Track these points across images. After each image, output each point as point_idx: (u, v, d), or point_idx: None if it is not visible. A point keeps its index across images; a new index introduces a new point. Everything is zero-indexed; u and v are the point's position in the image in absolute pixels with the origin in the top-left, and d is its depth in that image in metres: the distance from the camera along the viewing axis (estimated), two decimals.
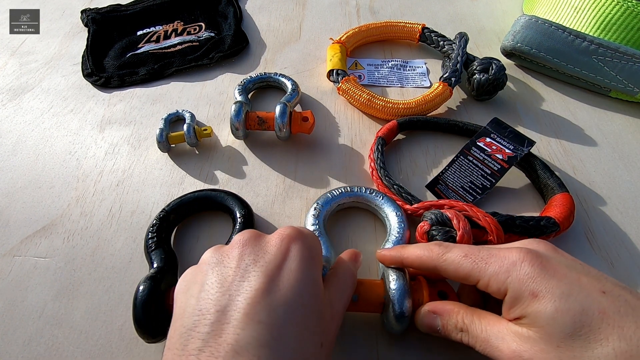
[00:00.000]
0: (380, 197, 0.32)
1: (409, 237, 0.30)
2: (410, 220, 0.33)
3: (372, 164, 0.36)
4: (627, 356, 0.17)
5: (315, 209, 0.31)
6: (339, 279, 0.24)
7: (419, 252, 0.24)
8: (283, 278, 0.20)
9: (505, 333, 0.21)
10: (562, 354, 0.18)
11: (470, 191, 0.34)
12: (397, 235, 0.30)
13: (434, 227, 0.29)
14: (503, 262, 0.21)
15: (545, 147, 0.39)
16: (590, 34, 0.42)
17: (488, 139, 0.36)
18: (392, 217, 0.31)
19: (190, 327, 0.18)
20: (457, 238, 0.28)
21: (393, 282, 0.25)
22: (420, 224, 0.30)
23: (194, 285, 0.21)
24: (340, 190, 0.33)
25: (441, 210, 0.29)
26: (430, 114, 0.41)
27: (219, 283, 0.20)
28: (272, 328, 0.18)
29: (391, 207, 0.32)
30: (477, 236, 0.29)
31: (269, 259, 0.21)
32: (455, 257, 0.23)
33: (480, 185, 0.34)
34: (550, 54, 0.43)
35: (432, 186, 0.36)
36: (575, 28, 0.43)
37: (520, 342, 0.20)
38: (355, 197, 0.33)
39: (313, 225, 0.30)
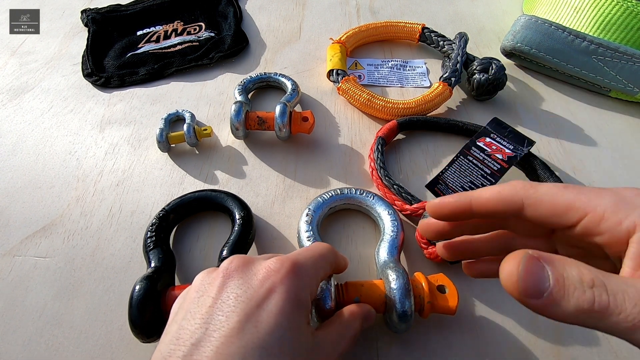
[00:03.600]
0: (371, 198, 0.32)
1: (403, 237, 0.30)
2: (404, 219, 0.33)
3: (372, 164, 0.36)
4: None
5: (307, 214, 0.31)
6: (339, 326, 0.22)
7: (497, 188, 0.19)
8: (262, 318, 0.18)
9: None
10: None
11: None
12: (392, 234, 0.29)
13: None
14: (623, 194, 0.16)
15: (545, 147, 0.39)
16: (590, 34, 0.42)
17: (488, 139, 0.36)
18: (384, 217, 0.31)
19: (165, 354, 0.18)
20: None
21: (393, 281, 0.25)
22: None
23: (181, 310, 0.20)
24: (331, 194, 0.32)
25: None
26: (430, 114, 0.41)
27: (199, 314, 0.19)
28: None
29: (382, 206, 0.32)
30: None
31: (250, 295, 0.19)
32: (552, 187, 0.17)
33: (480, 185, 0.34)
34: (550, 54, 0.43)
35: (432, 186, 0.36)
36: (575, 28, 0.43)
37: None
38: (346, 199, 0.32)
39: (307, 231, 0.30)
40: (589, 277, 0.14)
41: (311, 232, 0.30)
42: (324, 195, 0.32)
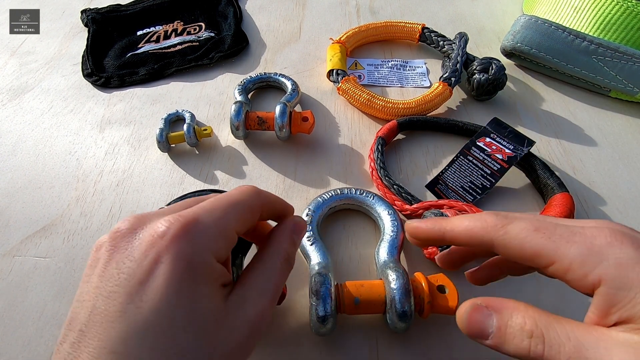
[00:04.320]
0: (370, 198, 0.32)
1: (403, 237, 0.30)
2: (403, 220, 0.33)
3: (372, 164, 0.36)
4: None
5: (307, 214, 0.31)
6: (260, 268, 0.19)
7: (468, 223, 0.19)
8: (145, 297, 0.16)
9: (611, 343, 0.14)
10: None
11: (470, 191, 0.34)
12: (392, 234, 0.29)
13: None
14: (593, 242, 0.16)
15: (545, 147, 0.39)
16: (590, 34, 0.42)
17: (488, 139, 0.36)
18: (384, 217, 0.31)
19: (61, 338, 0.16)
20: None
21: (393, 281, 0.25)
22: None
23: (79, 288, 0.18)
24: (330, 194, 0.32)
25: (441, 210, 0.29)
26: (430, 114, 0.41)
27: (87, 296, 0.17)
28: (126, 358, 0.15)
29: (382, 206, 0.32)
30: None
31: (132, 271, 0.16)
32: (522, 230, 0.17)
33: (480, 185, 0.34)
34: (550, 54, 0.43)
35: (432, 186, 0.36)
36: (575, 28, 0.43)
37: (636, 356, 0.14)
38: (346, 199, 0.32)
39: (307, 231, 0.30)
40: (529, 328, 0.15)
41: (311, 232, 0.30)
42: (324, 195, 0.32)
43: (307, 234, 0.29)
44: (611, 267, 0.15)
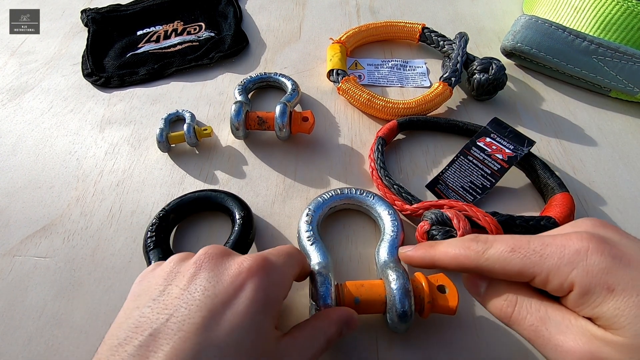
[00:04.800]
0: (371, 197, 0.32)
1: (403, 237, 0.30)
2: (404, 219, 0.33)
3: (372, 164, 0.36)
4: None
5: (307, 214, 0.31)
6: (310, 332, 0.21)
7: (454, 251, 0.21)
8: (226, 317, 0.18)
9: (573, 325, 0.17)
10: None
11: (470, 191, 0.34)
12: (392, 234, 0.29)
13: (434, 227, 0.29)
14: (563, 252, 0.17)
15: (545, 147, 0.39)
16: (590, 33, 0.42)
17: (488, 139, 0.36)
18: (384, 217, 0.31)
19: (121, 341, 0.17)
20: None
21: (393, 281, 0.25)
22: (420, 224, 0.30)
23: (145, 295, 0.19)
24: (331, 194, 0.32)
25: (441, 210, 0.29)
26: (430, 114, 0.41)
27: (164, 304, 0.18)
28: None
29: (383, 206, 0.32)
30: None
31: (218, 291, 0.19)
32: (500, 253, 0.19)
33: (481, 185, 0.34)
34: (550, 54, 0.43)
35: (432, 186, 0.36)
36: (575, 28, 0.43)
37: (598, 344, 0.16)
38: (346, 198, 0.32)
39: (307, 231, 0.30)
40: (506, 294, 0.19)
41: (311, 232, 0.30)
42: (324, 195, 0.32)
43: (307, 234, 0.29)
44: (579, 275, 0.17)
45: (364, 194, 0.32)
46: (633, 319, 0.15)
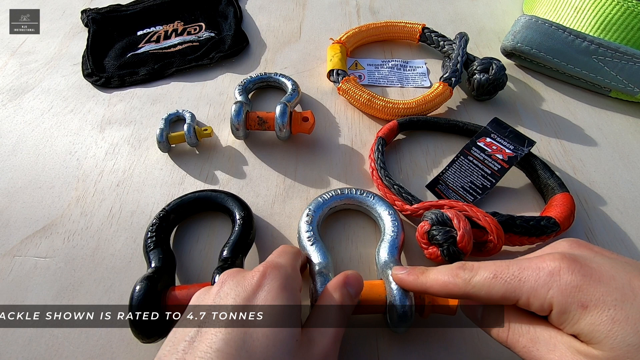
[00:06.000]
0: (371, 198, 0.32)
1: (403, 237, 0.30)
2: (404, 220, 0.33)
3: (373, 164, 0.36)
4: None
5: (307, 215, 0.31)
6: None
7: (443, 279, 0.22)
8: (257, 300, 0.21)
9: (559, 343, 0.18)
10: None
11: (471, 191, 0.34)
12: (392, 235, 0.29)
13: (434, 227, 0.29)
14: (539, 275, 0.19)
15: (545, 147, 0.39)
16: (591, 34, 0.42)
17: (488, 139, 0.36)
18: (385, 217, 0.31)
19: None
20: (458, 238, 0.28)
21: (394, 282, 0.25)
22: (420, 224, 0.30)
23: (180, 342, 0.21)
24: (331, 194, 0.32)
25: (441, 210, 0.29)
26: (430, 114, 0.41)
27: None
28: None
29: (383, 206, 0.31)
30: (478, 236, 0.29)
31: (244, 287, 0.21)
32: (484, 280, 0.20)
33: (481, 186, 0.34)
34: (550, 54, 0.43)
35: (433, 186, 0.36)
36: (575, 28, 0.43)
37: (578, 356, 0.17)
38: (346, 199, 0.32)
39: (307, 232, 0.30)
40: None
41: (311, 233, 0.30)
42: (324, 196, 0.32)
43: (307, 234, 0.29)
44: (555, 295, 0.18)
45: (364, 194, 0.32)
46: (608, 333, 0.16)
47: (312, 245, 0.29)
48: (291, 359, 0.19)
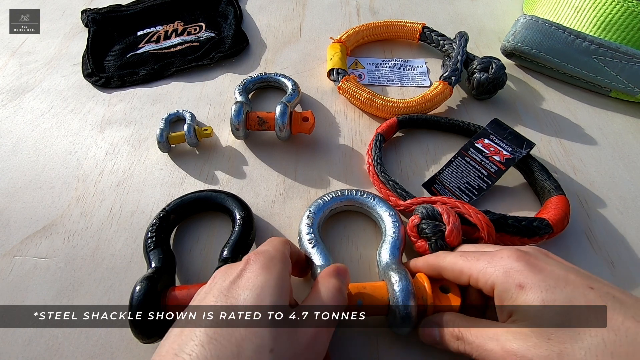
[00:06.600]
0: (371, 199, 0.32)
1: (405, 238, 0.30)
2: (404, 220, 0.33)
3: (370, 160, 0.36)
4: (616, 346, 0.18)
5: (308, 217, 0.31)
6: (315, 295, 0.23)
7: (429, 258, 0.26)
8: (239, 283, 0.21)
9: (499, 334, 0.21)
10: (554, 347, 0.18)
11: (467, 192, 0.34)
12: (393, 236, 0.29)
13: (424, 221, 0.29)
14: (492, 258, 0.23)
15: (545, 147, 0.39)
16: (591, 34, 0.42)
17: (487, 140, 0.36)
18: (385, 218, 0.31)
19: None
20: (446, 232, 0.28)
21: (396, 284, 0.25)
22: (411, 218, 0.30)
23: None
24: (331, 195, 0.32)
25: (433, 205, 0.29)
26: (430, 113, 0.41)
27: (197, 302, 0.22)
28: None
29: (383, 207, 0.31)
30: (469, 233, 0.29)
31: (229, 275, 0.22)
32: (453, 257, 0.25)
33: (477, 187, 0.34)
34: (551, 54, 0.43)
35: (429, 185, 0.36)
36: (575, 28, 0.43)
37: (514, 340, 0.20)
38: (347, 200, 0.32)
39: (308, 234, 0.29)
40: (457, 333, 0.23)
41: (312, 235, 0.29)
42: (324, 197, 0.32)
43: (308, 236, 0.29)
44: (500, 275, 0.21)
45: (364, 196, 0.32)
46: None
47: (313, 247, 0.29)
48: (272, 333, 0.19)
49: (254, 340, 0.18)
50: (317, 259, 0.28)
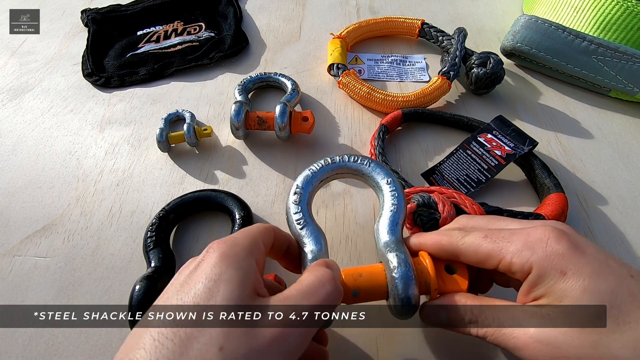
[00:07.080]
0: (367, 165, 0.27)
1: (405, 210, 0.26)
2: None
3: (372, 150, 0.36)
4: None
5: (295, 193, 0.26)
6: (298, 285, 0.20)
7: (437, 237, 0.23)
8: (194, 277, 0.19)
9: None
10: (587, 337, 0.17)
11: (465, 184, 0.34)
12: (392, 208, 0.25)
13: (419, 209, 0.29)
14: (527, 239, 0.20)
15: (545, 147, 0.39)
16: (590, 33, 0.42)
17: (490, 135, 0.36)
18: (383, 187, 0.26)
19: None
20: (440, 221, 0.28)
21: (395, 269, 0.22)
22: (408, 205, 0.30)
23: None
24: (320, 164, 0.28)
25: (430, 195, 0.30)
26: (429, 107, 0.41)
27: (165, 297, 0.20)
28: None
29: (381, 174, 0.27)
30: None
31: (189, 267, 0.20)
32: (475, 238, 0.21)
33: (476, 179, 0.34)
34: (550, 54, 0.43)
35: (428, 175, 0.36)
36: (575, 28, 0.43)
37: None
38: (338, 168, 0.28)
39: (296, 213, 0.25)
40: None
41: (301, 214, 0.25)
42: (312, 168, 0.28)
43: (296, 216, 0.26)
44: (539, 258, 0.19)
45: (359, 161, 0.28)
46: (577, 299, 0.18)
47: (302, 229, 0.25)
48: (222, 331, 0.17)
49: (200, 339, 0.17)
50: (308, 243, 0.24)
